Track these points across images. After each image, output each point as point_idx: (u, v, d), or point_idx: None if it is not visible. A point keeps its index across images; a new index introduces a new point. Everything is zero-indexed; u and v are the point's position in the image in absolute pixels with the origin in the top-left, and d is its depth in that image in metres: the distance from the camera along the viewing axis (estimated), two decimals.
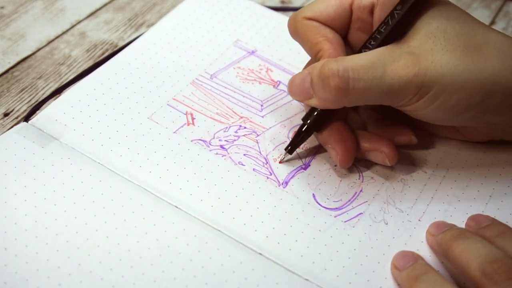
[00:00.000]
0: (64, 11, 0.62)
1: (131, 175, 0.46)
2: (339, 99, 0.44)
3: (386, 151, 0.48)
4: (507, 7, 0.66)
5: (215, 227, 0.44)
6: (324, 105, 0.46)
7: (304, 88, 0.45)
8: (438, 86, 0.43)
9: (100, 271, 0.41)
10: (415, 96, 0.43)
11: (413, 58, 0.43)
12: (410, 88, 0.43)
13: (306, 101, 0.46)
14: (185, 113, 0.51)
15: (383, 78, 0.43)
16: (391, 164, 0.48)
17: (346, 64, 0.43)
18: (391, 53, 0.44)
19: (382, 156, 0.48)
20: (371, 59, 0.43)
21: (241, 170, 0.48)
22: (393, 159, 0.48)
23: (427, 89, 0.43)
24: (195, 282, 0.41)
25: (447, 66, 0.43)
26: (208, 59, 0.56)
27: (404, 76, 0.43)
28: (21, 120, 0.51)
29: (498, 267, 0.38)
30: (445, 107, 0.44)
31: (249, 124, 0.51)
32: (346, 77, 0.43)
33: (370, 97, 0.44)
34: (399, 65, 0.43)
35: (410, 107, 0.45)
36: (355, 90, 0.43)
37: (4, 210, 0.44)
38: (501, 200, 0.48)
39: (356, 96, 0.43)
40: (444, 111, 0.44)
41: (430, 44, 0.43)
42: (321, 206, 0.46)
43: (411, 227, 0.46)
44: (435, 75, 0.43)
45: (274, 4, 0.65)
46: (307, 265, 0.43)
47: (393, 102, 0.45)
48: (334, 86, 0.43)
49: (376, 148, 0.48)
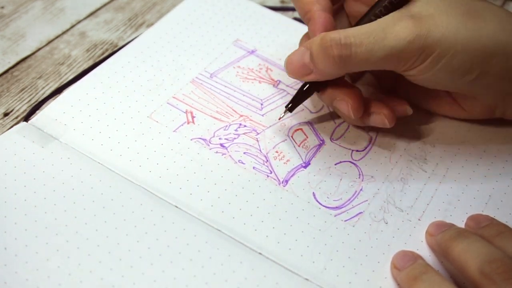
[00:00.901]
0: (64, 11, 0.62)
1: (131, 174, 0.47)
2: (342, 66, 0.45)
3: (385, 113, 0.48)
4: (507, 7, 0.66)
5: (215, 227, 0.44)
6: (325, 77, 0.47)
7: (303, 64, 0.46)
8: (441, 47, 0.43)
9: (100, 271, 0.41)
10: (419, 58, 0.44)
11: (414, 21, 0.44)
12: (413, 50, 0.44)
13: (304, 78, 0.47)
14: (185, 111, 0.51)
15: (385, 41, 0.43)
16: (390, 125, 0.48)
17: (347, 32, 0.44)
18: (392, 18, 0.45)
19: (382, 117, 0.48)
20: (372, 26, 0.44)
21: (241, 168, 0.48)
22: (392, 120, 0.48)
23: (430, 51, 0.44)
24: (195, 282, 0.41)
25: (448, 27, 0.43)
26: (208, 58, 0.56)
27: (406, 37, 0.43)
28: (21, 120, 0.51)
29: (497, 267, 0.38)
30: (449, 68, 0.44)
31: (249, 123, 0.51)
32: (348, 43, 0.44)
33: (372, 62, 0.44)
34: (400, 28, 0.44)
35: (413, 71, 0.45)
36: (357, 55, 0.44)
37: (4, 210, 0.44)
38: (500, 200, 0.48)
39: (358, 61, 0.44)
40: (448, 73, 0.45)
41: (431, 9, 0.44)
42: (321, 205, 0.46)
43: (411, 226, 0.46)
44: (437, 35, 0.43)
45: (274, 4, 0.65)
46: (307, 264, 0.43)
47: (396, 65, 0.45)
48: (337, 54, 0.44)
49: (375, 110, 0.48)
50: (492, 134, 0.51)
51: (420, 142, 0.51)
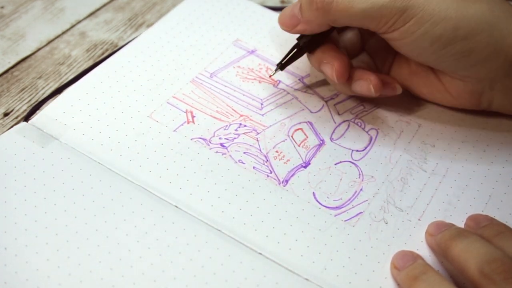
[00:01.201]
0: (64, 11, 0.62)
1: (131, 174, 0.47)
2: (324, 15, 0.47)
3: (372, 79, 0.49)
4: None
5: (215, 227, 0.44)
6: (310, 27, 0.49)
7: (293, 14, 0.49)
8: (423, 12, 0.44)
9: (100, 271, 0.41)
10: (400, 19, 0.45)
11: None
12: (394, 8, 0.44)
13: (292, 29, 0.49)
14: (185, 111, 0.51)
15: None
16: (376, 94, 0.49)
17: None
18: None
19: (367, 83, 0.49)
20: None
21: (241, 168, 0.48)
22: (378, 88, 0.49)
23: (412, 13, 0.44)
24: (195, 282, 0.41)
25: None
26: (208, 58, 0.56)
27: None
28: (21, 120, 0.51)
29: (496, 267, 0.38)
30: (430, 36, 0.45)
31: (249, 122, 0.51)
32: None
33: (353, 14, 0.46)
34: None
35: (394, 34, 0.46)
36: (338, 5, 0.45)
37: (4, 210, 0.44)
38: (500, 200, 0.48)
39: (340, 11, 0.46)
40: (430, 41, 0.45)
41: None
42: (321, 205, 0.46)
43: (411, 226, 0.46)
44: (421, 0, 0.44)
45: (273, 4, 0.65)
46: (307, 264, 0.43)
47: (377, 23, 0.46)
48: (319, 4, 0.46)
49: (362, 77, 0.49)
50: (492, 134, 0.52)
51: (420, 142, 0.51)
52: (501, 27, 0.45)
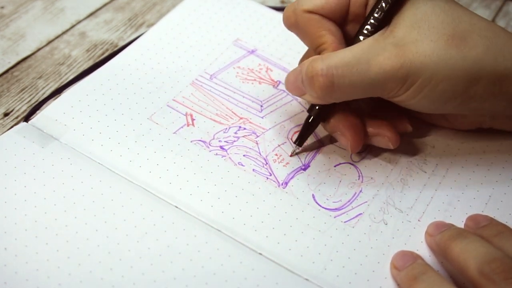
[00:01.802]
0: (64, 11, 0.62)
1: (131, 175, 0.47)
2: (326, 96, 0.45)
3: (389, 135, 0.48)
4: (507, 7, 0.66)
5: (215, 227, 0.44)
6: (315, 101, 0.47)
7: (298, 85, 0.47)
8: (423, 77, 0.43)
9: (100, 271, 0.41)
10: (402, 88, 0.44)
11: (397, 50, 0.44)
12: (396, 81, 0.44)
13: (302, 97, 0.47)
14: (185, 114, 0.51)
15: (368, 73, 0.44)
16: (394, 147, 0.49)
17: (330, 62, 0.44)
18: (376, 45, 0.45)
19: (385, 140, 0.48)
20: (355, 55, 0.44)
21: (241, 170, 0.48)
22: (395, 142, 0.48)
23: (413, 80, 0.44)
24: (195, 282, 0.41)
25: (431, 56, 0.43)
26: (207, 59, 0.56)
27: (389, 69, 0.43)
28: (21, 120, 0.51)
29: (496, 267, 0.38)
30: (432, 96, 0.44)
31: (249, 125, 0.51)
32: (330, 75, 0.44)
33: (356, 92, 0.45)
34: (383, 59, 0.44)
35: (398, 98, 0.45)
36: (340, 87, 0.44)
37: (4, 210, 0.44)
38: (500, 200, 0.48)
39: (341, 92, 0.45)
40: (431, 101, 0.45)
41: (414, 34, 0.44)
42: (321, 206, 0.46)
43: (411, 227, 0.46)
44: (419, 66, 0.43)
45: (274, 3, 0.65)
46: (307, 265, 0.43)
47: (380, 94, 0.45)
48: (319, 85, 0.44)
49: (379, 133, 0.48)
50: (492, 134, 0.51)
51: (420, 143, 0.51)
52: (501, 66, 0.44)
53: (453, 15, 0.45)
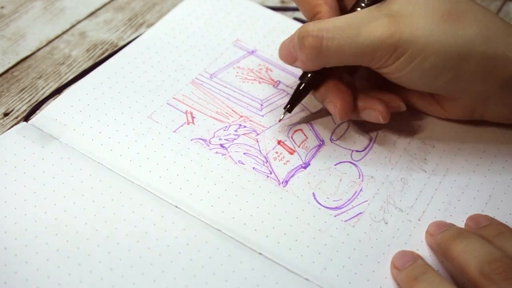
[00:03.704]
0: (64, 11, 0.62)
1: (131, 174, 0.47)
2: (314, 58, 0.46)
3: (379, 109, 0.48)
4: (507, 7, 0.66)
5: (215, 227, 0.44)
6: (304, 67, 0.48)
7: (290, 50, 0.48)
8: (413, 48, 0.44)
9: (100, 271, 0.41)
10: (391, 57, 0.45)
11: (390, 19, 0.44)
12: (385, 48, 0.44)
13: (292, 64, 0.48)
14: (185, 112, 0.51)
15: (357, 37, 0.44)
16: (385, 121, 0.49)
17: (321, 25, 0.45)
18: (369, 14, 0.45)
19: (376, 113, 0.49)
20: (347, 21, 0.45)
21: (241, 169, 0.48)
22: (386, 117, 0.49)
23: (402, 50, 0.44)
24: (195, 282, 0.41)
25: (423, 29, 0.44)
26: (207, 58, 0.56)
27: (378, 36, 0.44)
28: (21, 120, 0.51)
29: (496, 267, 0.38)
30: (421, 69, 0.45)
31: (249, 123, 0.51)
32: (320, 36, 0.45)
33: (344, 57, 0.45)
34: (374, 26, 0.44)
35: (387, 69, 0.46)
36: (328, 49, 0.45)
37: (4, 210, 0.44)
38: (501, 200, 0.48)
39: (330, 55, 0.45)
40: (420, 74, 0.45)
41: (410, 8, 0.45)
42: (321, 205, 0.46)
43: (411, 226, 0.46)
44: (410, 37, 0.44)
45: (274, 4, 0.65)
46: (307, 264, 0.43)
47: (369, 62, 0.46)
48: (308, 45, 0.45)
49: (370, 106, 0.49)
50: (492, 134, 0.52)
51: (420, 142, 0.51)
52: (492, 49, 0.44)
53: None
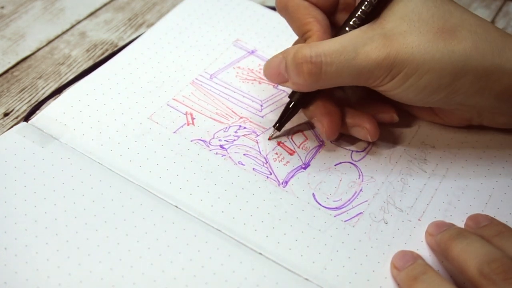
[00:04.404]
0: (64, 11, 0.62)
1: (131, 175, 0.47)
2: (312, 83, 0.45)
3: (368, 127, 0.48)
4: (507, 7, 0.66)
5: (215, 227, 0.44)
6: (299, 88, 0.47)
7: (279, 72, 0.47)
8: (408, 67, 0.44)
9: (100, 271, 0.41)
10: (387, 77, 0.45)
11: (385, 40, 0.44)
12: (381, 69, 0.44)
13: (281, 84, 0.47)
14: (185, 113, 0.51)
15: (354, 61, 0.44)
16: (372, 140, 0.49)
17: (318, 49, 0.45)
18: (364, 35, 0.45)
19: (364, 131, 0.49)
20: (343, 43, 0.45)
21: (241, 169, 0.48)
22: (374, 135, 0.49)
23: (398, 70, 0.44)
24: (195, 281, 0.41)
25: (418, 47, 0.44)
26: (207, 59, 0.56)
27: (375, 58, 0.44)
28: (21, 120, 0.51)
29: (496, 267, 0.38)
30: (416, 87, 0.45)
31: (249, 124, 0.51)
32: (319, 62, 0.44)
33: (342, 80, 0.45)
34: (370, 48, 0.44)
35: (383, 87, 0.46)
36: (327, 74, 0.45)
37: (4, 210, 0.44)
38: (500, 200, 0.48)
39: (328, 79, 0.45)
40: (416, 92, 0.45)
41: (404, 26, 0.44)
42: (321, 205, 0.46)
43: (411, 226, 0.46)
44: (405, 56, 0.44)
45: (274, 4, 0.64)
46: (307, 264, 0.43)
47: (365, 82, 0.46)
48: (307, 71, 0.45)
49: (358, 124, 0.49)
50: (492, 134, 0.52)
51: (420, 143, 0.51)
52: (488, 62, 0.44)
53: (444, 9, 0.45)
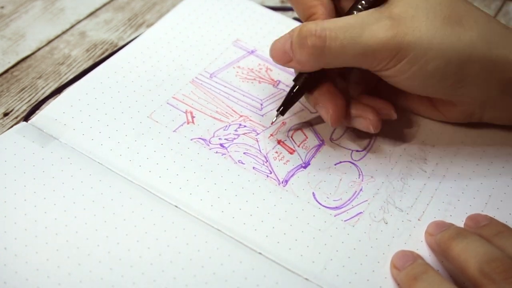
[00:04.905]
0: (64, 11, 0.62)
1: (131, 174, 0.47)
2: (316, 58, 0.45)
3: (371, 118, 0.48)
4: (507, 7, 0.66)
5: (215, 227, 0.44)
6: (302, 67, 0.47)
7: (284, 51, 0.47)
8: (415, 51, 0.44)
9: (100, 271, 0.41)
10: (392, 60, 0.44)
11: (392, 22, 0.44)
12: (387, 50, 0.44)
13: (286, 64, 0.47)
14: (184, 111, 0.51)
15: (360, 38, 0.44)
16: (375, 131, 0.49)
17: (324, 25, 0.44)
18: (371, 16, 0.45)
19: (367, 122, 0.48)
20: (350, 21, 0.44)
21: (241, 168, 0.48)
22: (376, 127, 0.48)
23: (404, 54, 0.44)
24: (195, 281, 0.41)
25: (426, 32, 0.43)
26: (207, 58, 0.56)
27: (381, 37, 0.44)
28: (21, 120, 0.51)
29: (496, 267, 0.38)
30: (423, 74, 0.45)
31: (249, 123, 0.51)
32: (323, 36, 0.44)
33: (346, 58, 0.45)
34: (377, 27, 0.44)
35: (388, 72, 0.45)
36: (331, 49, 0.44)
37: (4, 210, 0.44)
38: (500, 200, 0.48)
39: (332, 55, 0.45)
40: (422, 78, 0.45)
41: (411, 11, 0.44)
42: (321, 205, 0.46)
43: (411, 226, 0.46)
44: (413, 39, 0.43)
45: (273, 4, 0.65)
46: (306, 264, 0.43)
47: (370, 64, 0.45)
48: (311, 44, 0.44)
49: (362, 114, 0.49)
50: (492, 134, 0.52)
51: (420, 142, 0.51)
52: (494, 52, 0.44)
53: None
